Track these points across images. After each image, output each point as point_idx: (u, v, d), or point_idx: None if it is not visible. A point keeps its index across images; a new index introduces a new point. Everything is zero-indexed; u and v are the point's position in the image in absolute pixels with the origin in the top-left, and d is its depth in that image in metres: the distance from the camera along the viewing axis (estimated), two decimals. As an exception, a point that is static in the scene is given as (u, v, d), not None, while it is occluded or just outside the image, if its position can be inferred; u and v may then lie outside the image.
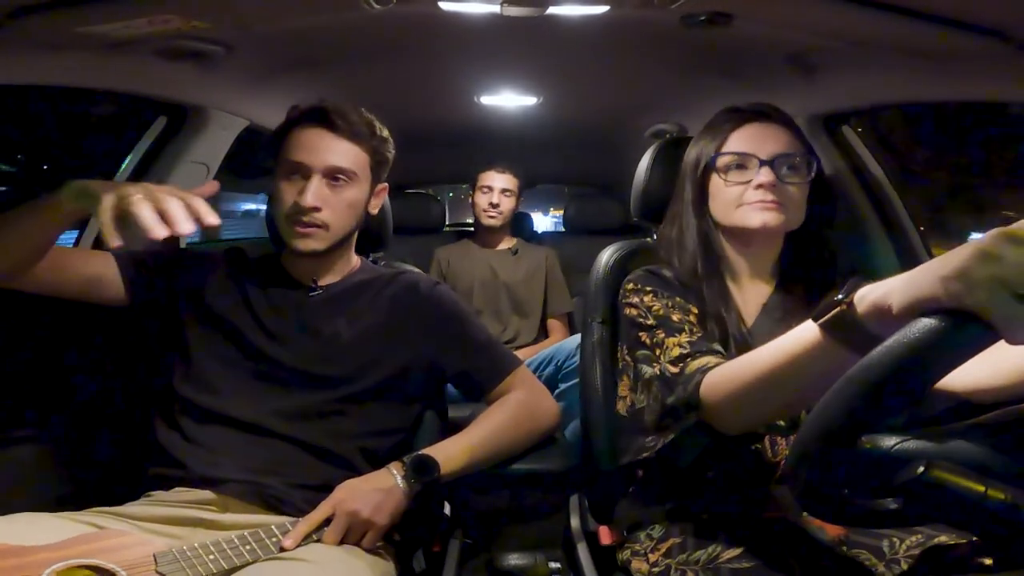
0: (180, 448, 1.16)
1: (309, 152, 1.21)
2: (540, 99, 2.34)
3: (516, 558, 1.95)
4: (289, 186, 1.22)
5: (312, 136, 1.22)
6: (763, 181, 1.10)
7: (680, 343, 1.04)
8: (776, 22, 1.36)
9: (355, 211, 1.28)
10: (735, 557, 0.98)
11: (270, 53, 1.65)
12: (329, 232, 1.24)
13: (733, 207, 1.13)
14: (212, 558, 0.97)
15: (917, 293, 0.62)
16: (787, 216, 1.12)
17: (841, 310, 0.70)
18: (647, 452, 1.05)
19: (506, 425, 1.28)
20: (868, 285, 0.68)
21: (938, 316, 0.59)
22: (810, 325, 0.75)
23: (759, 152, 1.11)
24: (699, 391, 0.95)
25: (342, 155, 1.23)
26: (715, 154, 1.14)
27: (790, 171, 1.12)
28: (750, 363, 0.87)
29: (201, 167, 1.96)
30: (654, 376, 1.05)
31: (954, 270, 0.59)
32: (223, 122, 1.92)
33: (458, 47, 1.74)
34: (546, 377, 2.31)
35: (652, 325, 1.09)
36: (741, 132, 1.14)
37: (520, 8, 1.31)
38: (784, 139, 1.13)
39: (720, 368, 0.95)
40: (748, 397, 0.88)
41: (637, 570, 1.10)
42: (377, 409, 1.25)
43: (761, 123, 1.14)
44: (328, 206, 1.22)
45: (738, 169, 1.13)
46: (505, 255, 2.83)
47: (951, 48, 1.20)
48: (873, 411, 0.62)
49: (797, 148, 1.14)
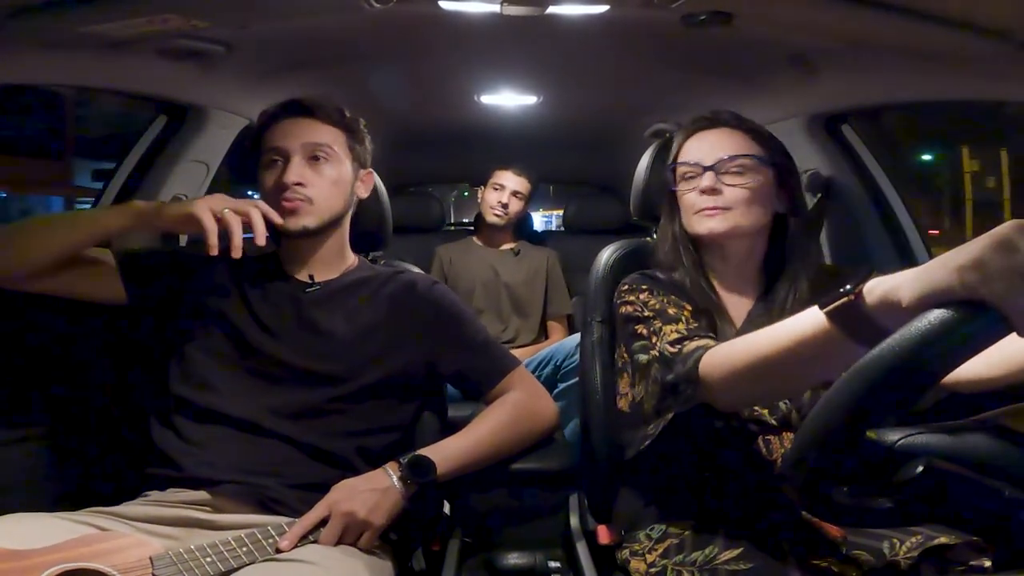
0: (176, 448, 1.15)
1: (285, 137, 1.25)
2: (540, 98, 2.34)
3: (515, 557, 1.95)
4: (271, 172, 1.26)
5: (287, 124, 1.27)
6: (704, 186, 1.11)
7: (678, 329, 1.05)
8: (776, 22, 1.36)
9: (340, 190, 1.29)
10: (733, 558, 0.98)
11: (270, 53, 1.65)
12: (315, 207, 1.25)
13: (690, 215, 1.15)
14: (209, 560, 0.97)
15: (930, 284, 0.61)
16: (735, 219, 1.12)
17: (849, 300, 0.69)
18: (649, 439, 1.05)
19: (504, 425, 1.28)
20: (878, 277, 0.68)
21: (951, 307, 0.58)
22: (815, 312, 0.74)
23: (704, 159, 1.13)
24: (698, 367, 0.95)
25: (317, 133, 1.27)
26: (671, 165, 1.17)
27: (736, 174, 1.12)
28: (752, 343, 0.87)
29: (201, 166, 1.96)
30: (652, 359, 1.05)
31: (970, 259, 0.58)
32: (223, 121, 1.93)
33: (458, 46, 1.74)
34: (545, 377, 2.31)
35: (649, 316, 1.10)
36: (690, 142, 1.16)
37: (520, 7, 1.32)
38: (730, 142, 1.14)
39: (721, 346, 0.95)
40: (747, 377, 0.88)
41: (635, 570, 1.10)
42: (375, 408, 1.24)
43: (710, 130, 1.16)
44: (310, 183, 1.25)
45: (688, 179, 1.15)
46: (507, 255, 2.83)
47: (952, 48, 1.20)
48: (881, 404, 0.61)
49: (746, 149, 1.14)
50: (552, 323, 2.82)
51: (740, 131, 1.15)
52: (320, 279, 1.31)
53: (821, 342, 0.74)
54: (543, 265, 2.83)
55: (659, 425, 1.03)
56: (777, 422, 1.09)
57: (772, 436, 1.09)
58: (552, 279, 2.83)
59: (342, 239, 1.35)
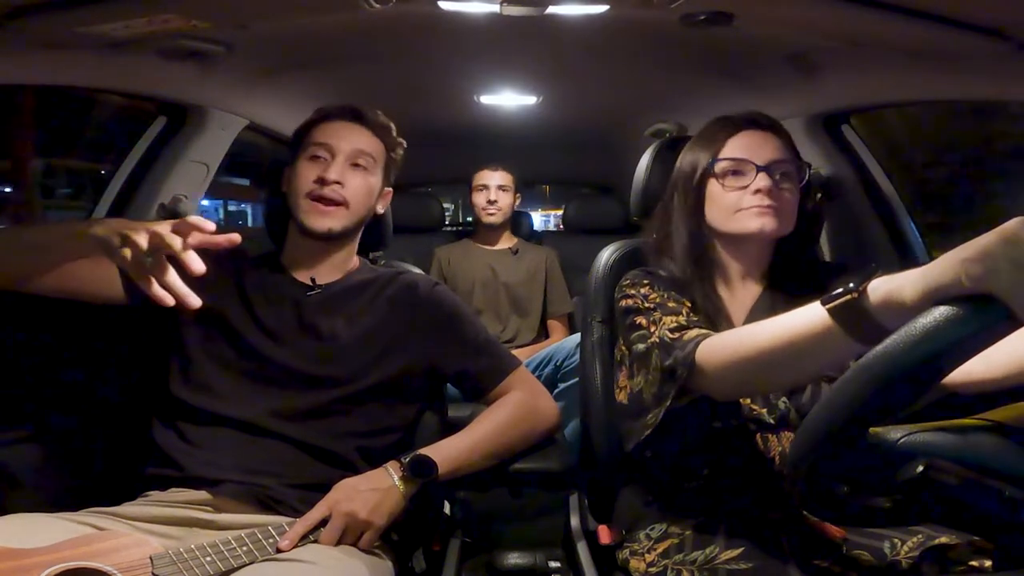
0: (176, 448, 1.15)
1: (336, 136, 1.28)
2: (540, 98, 2.34)
3: (516, 557, 1.95)
4: (312, 165, 1.27)
5: (339, 125, 1.30)
6: (761, 186, 1.11)
7: (678, 320, 1.06)
8: (776, 22, 1.36)
9: (369, 201, 1.32)
10: (733, 558, 0.98)
11: (270, 53, 1.65)
12: (348, 212, 1.27)
13: (731, 212, 1.14)
14: (209, 559, 0.97)
15: (936, 280, 0.61)
16: (781, 221, 1.13)
17: (852, 298, 0.69)
18: (649, 429, 1.05)
19: (505, 425, 1.28)
20: (882, 276, 0.68)
21: (957, 302, 0.58)
22: (817, 308, 0.75)
23: (755, 158, 1.13)
24: (696, 353, 0.95)
25: (365, 140, 1.30)
26: (712, 160, 1.15)
27: (784, 178, 1.14)
28: (750, 334, 0.87)
29: (201, 166, 1.96)
30: (652, 345, 1.05)
31: (976, 252, 0.59)
32: (223, 121, 1.93)
33: (458, 47, 1.74)
34: (545, 377, 2.31)
35: (649, 308, 1.10)
36: (737, 140, 1.15)
37: (520, 8, 1.31)
38: (777, 146, 1.15)
39: (720, 335, 0.95)
40: (744, 367, 0.88)
41: (635, 569, 1.10)
42: (376, 408, 1.24)
43: (754, 131, 1.16)
44: (348, 185, 1.26)
45: (735, 175, 1.14)
46: (505, 255, 2.83)
47: (951, 48, 1.20)
48: (885, 401, 0.61)
49: (789, 155, 1.16)
50: (553, 322, 2.81)
51: (779, 136, 1.17)
52: (322, 281, 1.31)
53: (821, 338, 0.74)
54: (542, 264, 2.83)
55: (659, 414, 1.02)
56: (776, 421, 1.09)
57: (771, 435, 1.09)
58: (551, 278, 2.82)
59: (351, 247, 1.35)
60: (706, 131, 1.20)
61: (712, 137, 1.17)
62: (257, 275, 1.30)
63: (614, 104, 2.44)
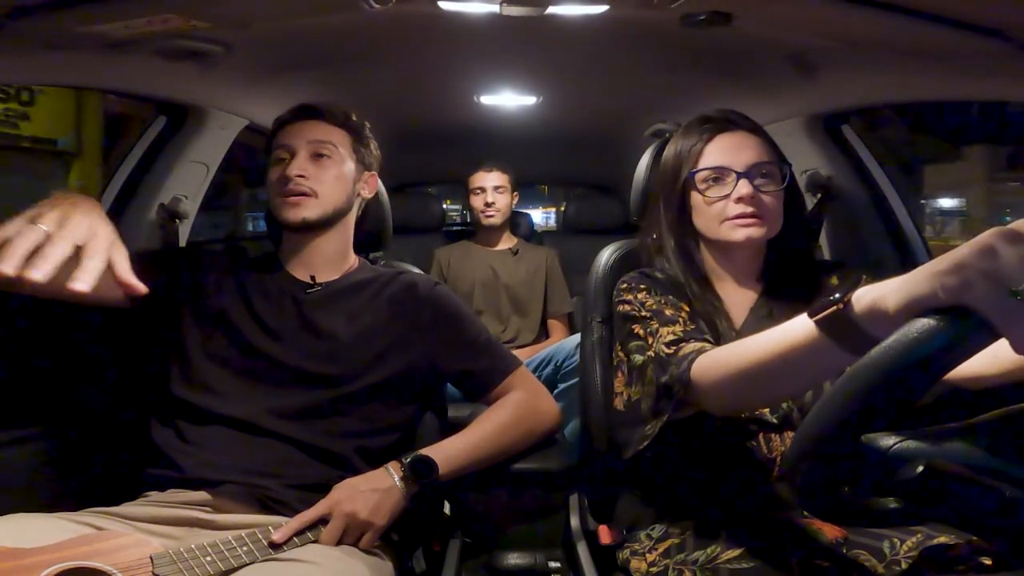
0: (176, 448, 1.16)
1: (293, 135, 1.31)
2: (540, 99, 2.34)
3: (516, 558, 1.95)
4: (277, 167, 1.30)
5: (296, 125, 1.33)
6: (742, 194, 1.10)
7: (674, 331, 1.05)
8: (776, 22, 1.36)
9: (343, 186, 1.32)
10: (734, 558, 0.98)
11: (270, 53, 1.65)
12: (317, 200, 1.28)
13: (716, 223, 1.13)
14: (209, 559, 0.97)
15: (913, 292, 0.61)
16: (768, 226, 1.12)
17: (837, 309, 0.70)
18: (647, 440, 1.05)
19: (506, 425, 1.28)
20: (867, 286, 0.68)
21: (936, 314, 0.59)
22: (804, 320, 0.75)
23: (734, 164, 1.12)
24: (691, 370, 0.95)
25: (322, 132, 1.32)
26: (692, 172, 1.14)
27: (765, 179, 1.12)
28: (742, 350, 0.87)
29: (201, 166, 1.96)
30: (649, 359, 1.05)
31: (950, 265, 0.59)
32: (223, 121, 1.93)
33: (458, 47, 1.74)
34: (545, 377, 2.31)
35: (646, 316, 1.10)
36: (714, 144, 1.14)
37: (520, 8, 1.31)
38: (756, 147, 1.13)
39: (713, 351, 0.95)
40: (737, 383, 0.88)
41: (636, 569, 1.10)
42: (375, 408, 1.24)
43: (732, 132, 1.15)
44: (313, 177, 1.28)
45: (716, 183, 1.13)
46: (505, 255, 2.83)
47: (951, 48, 1.20)
48: (873, 410, 0.62)
49: (769, 155, 1.14)
50: (553, 322, 2.81)
51: (757, 135, 1.15)
52: (321, 280, 1.31)
53: (811, 349, 0.74)
54: (542, 264, 2.83)
55: (656, 426, 1.03)
56: (778, 420, 1.09)
57: (773, 434, 1.09)
58: (551, 277, 2.82)
59: (345, 240, 1.35)
60: (686, 131, 1.19)
61: (690, 142, 1.16)
62: (257, 273, 1.31)
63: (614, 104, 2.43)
